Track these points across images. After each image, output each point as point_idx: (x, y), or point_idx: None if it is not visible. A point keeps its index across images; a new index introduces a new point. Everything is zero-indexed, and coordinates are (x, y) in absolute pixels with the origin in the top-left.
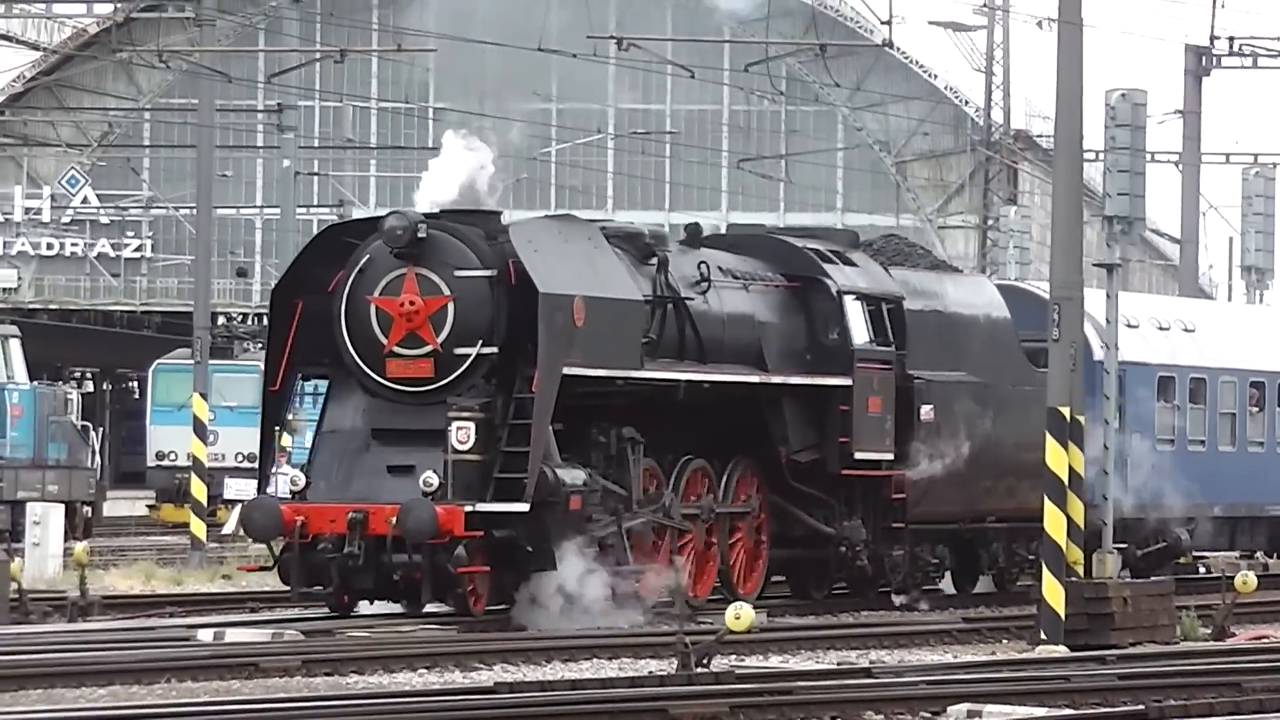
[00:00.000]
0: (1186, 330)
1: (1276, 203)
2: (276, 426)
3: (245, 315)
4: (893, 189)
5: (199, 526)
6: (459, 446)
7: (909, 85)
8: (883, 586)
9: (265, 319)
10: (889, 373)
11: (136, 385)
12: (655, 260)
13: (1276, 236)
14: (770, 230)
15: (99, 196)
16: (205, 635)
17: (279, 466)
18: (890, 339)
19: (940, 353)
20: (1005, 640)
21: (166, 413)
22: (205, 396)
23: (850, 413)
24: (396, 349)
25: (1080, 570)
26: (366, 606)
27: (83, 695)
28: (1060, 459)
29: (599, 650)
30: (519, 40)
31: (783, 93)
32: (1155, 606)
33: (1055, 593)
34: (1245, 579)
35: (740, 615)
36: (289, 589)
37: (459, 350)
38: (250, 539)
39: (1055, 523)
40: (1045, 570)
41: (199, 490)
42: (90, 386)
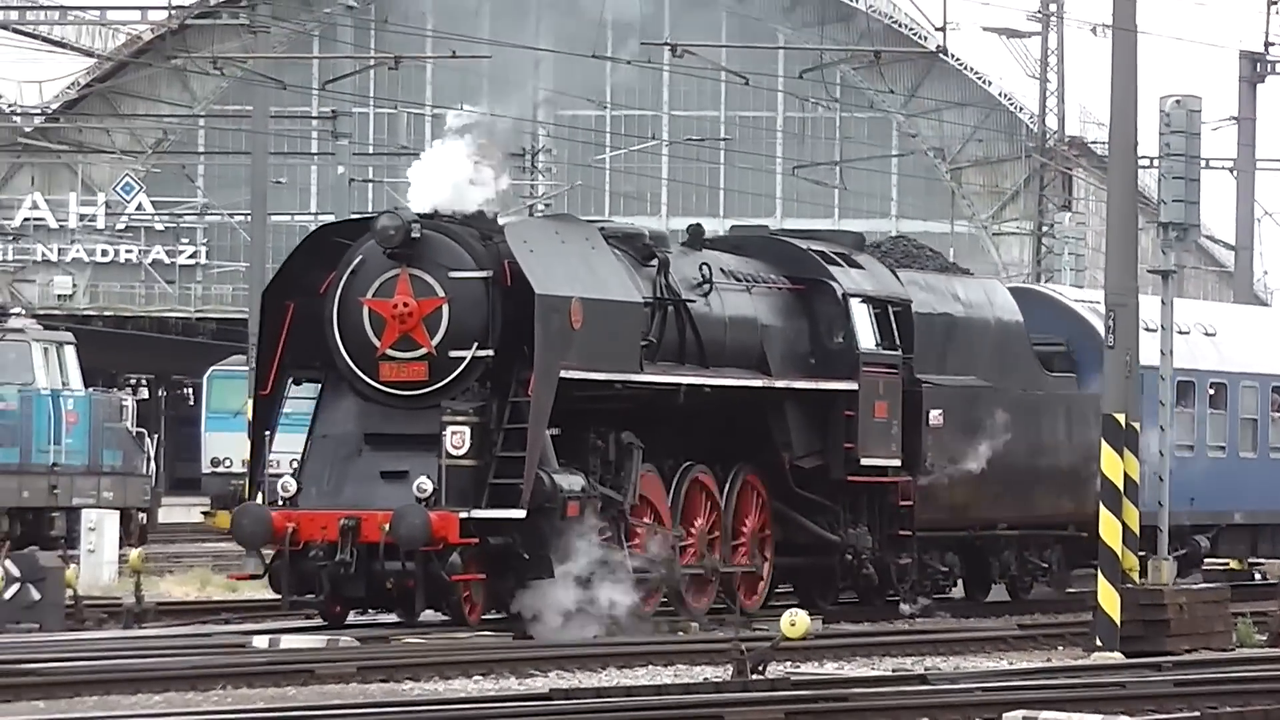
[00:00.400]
0: (1207, 334)
1: None
2: (267, 431)
3: None
4: (947, 196)
5: None
6: (453, 451)
7: (963, 91)
8: (891, 595)
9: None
10: (896, 377)
11: (191, 392)
12: (655, 261)
13: None
14: (773, 232)
15: (153, 203)
16: (260, 641)
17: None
18: (897, 342)
19: (950, 357)
20: (1060, 647)
21: (221, 419)
22: None
23: (855, 418)
24: (390, 352)
25: (1135, 576)
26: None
27: (138, 702)
28: (1115, 465)
29: (654, 657)
30: (574, 46)
31: (837, 99)
32: (1211, 613)
33: (1111, 599)
34: None
35: (796, 622)
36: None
37: (453, 353)
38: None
39: (1111, 529)
40: (1101, 576)
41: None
42: (145, 393)
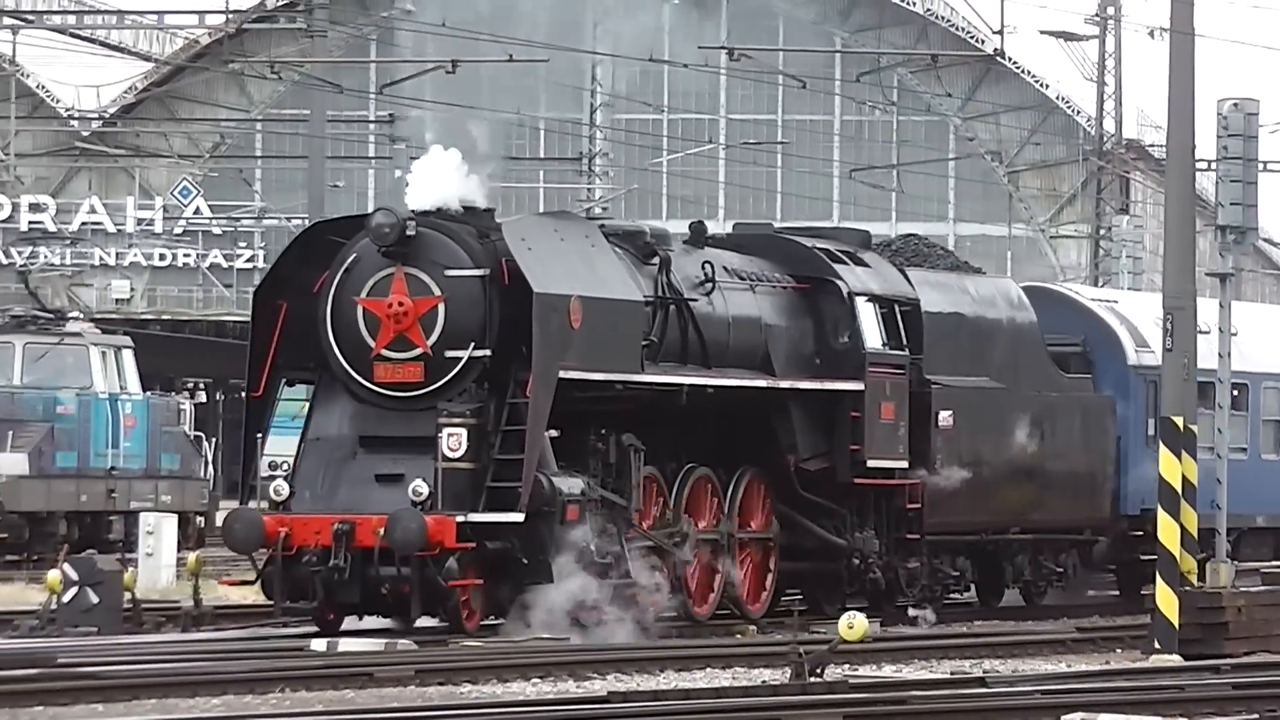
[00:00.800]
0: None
1: None
2: (259, 434)
3: None
4: (1004, 199)
5: None
6: (450, 454)
7: (1020, 95)
8: (900, 601)
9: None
10: (903, 378)
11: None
12: (657, 260)
13: None
14: (778, 230)
15: (211, 207)
16: (319, 645)
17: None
18: (904, 342)
19: (960, 357)
20: (1119, 650)
21: (279, 423)
22: None
23: (862, 419)
24: (384, 352)
25: (1194, 579)
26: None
27: (196, 705)
28: (1174, 468)
29: (712, 660)
30: (633, 50)
31: (894, 102)
32: (1270, 616)
33: (1169, 602)
34: None
35: (854, 625)
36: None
37: (450, 353)
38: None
39: (1169, 532)
40: (1160, 579)
41: None
42: (202, 397)
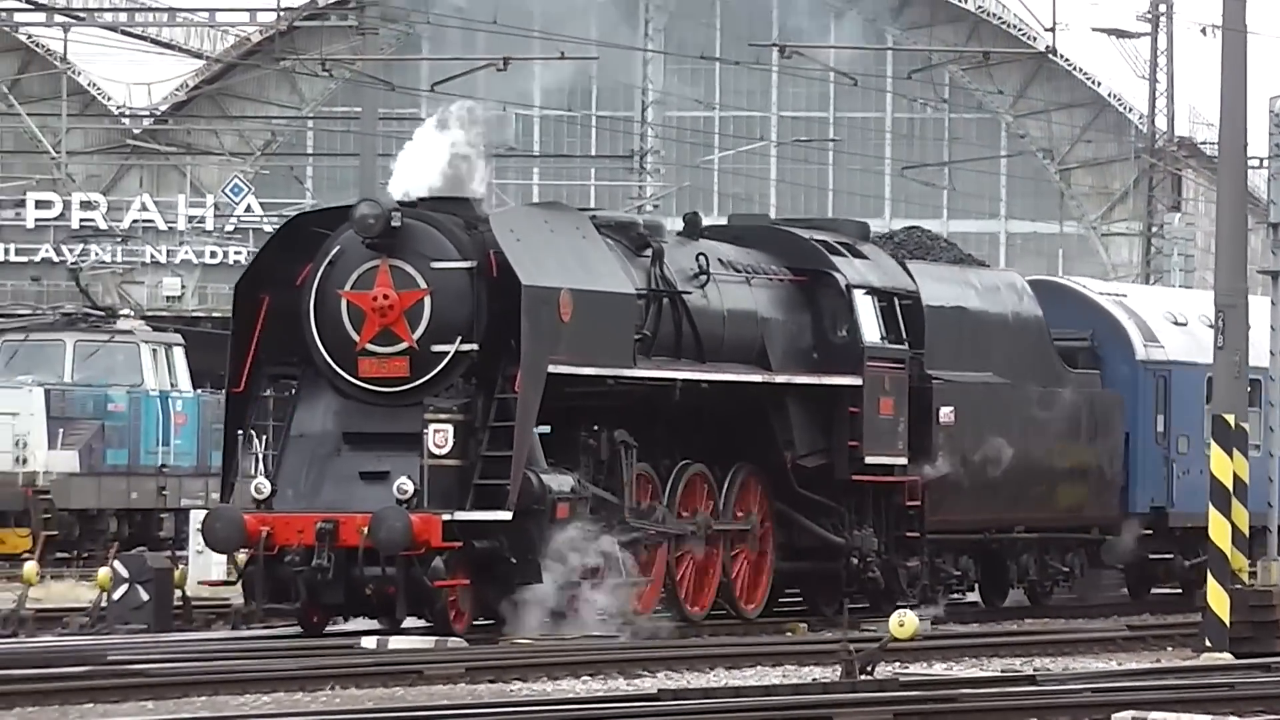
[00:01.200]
0: None
1: None
2: (240, 431)
3: None
4: (1056, 196)
5: None
6: (436, 451)
7: (1072, 92)
8: (900, 601)
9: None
10: (902, 372)
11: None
12: (650, 251)
13: None
14: (774, 221)
15: (262, 205)
16: (369, 642)
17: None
18: (904, 336)
19: (963, 352)
20: (1170, 648)
21: None
22: None
23: (860, 415)
24: (369, 346)
25: (1245, 577)
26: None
27: (246, 702)
28: (1225, 466)
29: (763, 658)
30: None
31: (945, 100)
32: None
33: (1220, 600)
34: None
35: (904, 622)
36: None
37: (436, 347)
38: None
39: (1220, 530)
40: (1210, 577)
41: None
42: None
